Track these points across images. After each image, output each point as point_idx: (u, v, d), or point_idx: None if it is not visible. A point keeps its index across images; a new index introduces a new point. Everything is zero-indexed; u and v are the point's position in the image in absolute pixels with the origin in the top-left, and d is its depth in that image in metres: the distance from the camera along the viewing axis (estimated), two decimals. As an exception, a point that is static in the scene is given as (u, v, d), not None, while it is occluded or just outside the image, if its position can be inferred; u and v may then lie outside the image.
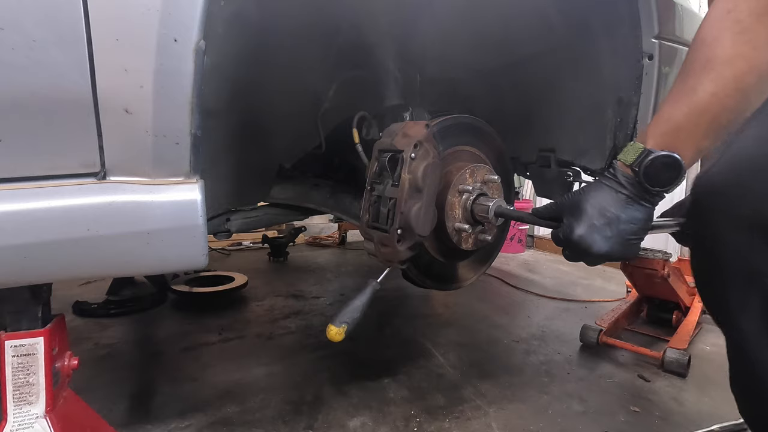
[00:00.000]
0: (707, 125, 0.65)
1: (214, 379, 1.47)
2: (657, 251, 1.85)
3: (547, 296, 2.48)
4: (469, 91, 1.56)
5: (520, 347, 1.77)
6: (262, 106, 1.25)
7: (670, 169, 0.66)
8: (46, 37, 0.59)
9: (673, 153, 0.66)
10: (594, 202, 0.72)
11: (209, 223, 1.15)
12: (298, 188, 1.53)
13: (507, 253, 3.66)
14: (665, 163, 0.66)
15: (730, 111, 0.63)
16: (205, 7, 0.63)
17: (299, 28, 1.14)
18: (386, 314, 2.10)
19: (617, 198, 0.70)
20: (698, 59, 0.65)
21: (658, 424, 1.28)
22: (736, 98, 0.62)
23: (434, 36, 1.28)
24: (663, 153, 0.66)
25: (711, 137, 0.66)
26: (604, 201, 0.71)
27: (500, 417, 1.28)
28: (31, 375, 0.80)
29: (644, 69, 1.07)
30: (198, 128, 0.68)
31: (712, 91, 0.63)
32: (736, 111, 0.64)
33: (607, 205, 0.71)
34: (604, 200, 0.71)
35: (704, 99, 0.63)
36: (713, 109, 0.63)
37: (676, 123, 0.67)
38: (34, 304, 0.82)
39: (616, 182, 0.71)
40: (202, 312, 2.10)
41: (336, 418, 1.26)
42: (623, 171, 0.71)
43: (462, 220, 1.00)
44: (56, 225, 0.64)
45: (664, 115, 0.68)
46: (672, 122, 0.67)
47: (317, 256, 3.42)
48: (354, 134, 1.15)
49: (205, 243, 0.72)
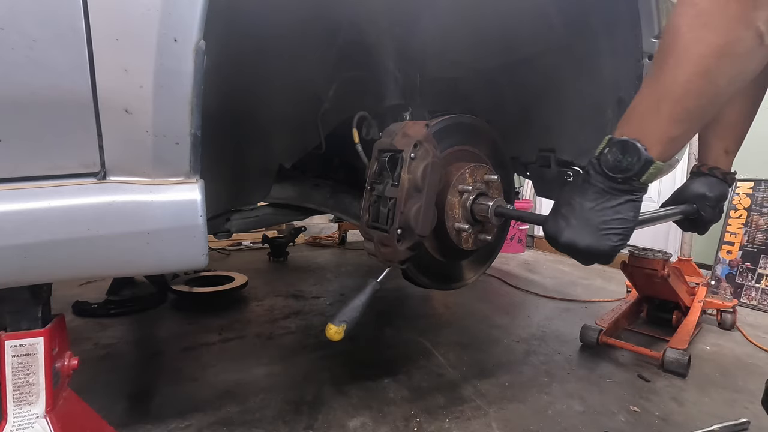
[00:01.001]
0: (671, 111, 0.63)
1: (214, 379, 1.47)
2: (657, 251, 1.85)
3: (547, 296, 2.48)
4: (469, 91, 1.56)
5: (520, 347, 1.77)
6: (262, 106, 1.25)
7: (628, 155, 0.65)
8: (46, 36, 0.59)
9: (630, 139, 0.65)
10: (564, 195, 0.75)
11: (209, 223, 1.15)
12: (298, 188, 1.53)
13: (507, 253, 3.66)
14: (622, 148, 0.66)
15: (696, 96, 0.62)
16: (205, 7, 0.63)
17: (299, 28, 1.14)
18: (386, 314, 2.10)
19: (583, 188, 0.71)
20: (662, 47, 0.64)
21: (658, 424, 1.28)
22: (699, 83, 0.61)
23: (434, 35, 1.28)
24: (620, 139, 0.66)
25: (681, 124, 0.64)
26: (572, 191, 0.73)
27: (500, 417, 1.28)
28: (31, 375, 0.80)
29: (644, 69, 1.07)
30: (198, 128, 0.68)
31: (673, 77, 0.62)
32: (704, 96, 0.62)
33: (573, 194, 0.72)
34: (572, 191, 0.73)
35: (665, 85, 0.63)
36: (675, 95, 0.62)
37: (638, 111, 0.67)
38: (34, 304, 0.81)
39: (585, 174, 0.72)
40: (202, 312, 2.10)
41: (336, 418, 1.26)
42: (593, 163, 0.71)
43: (462, 219, 1.00)
44: (56, 225, 0.64)
45: (631, 105, 0.68)
46: (634, 111, 0.67)
47: (317, 256, 3.42)
48: (354, 134, 1.15)
49: (205, 243, 0.72)
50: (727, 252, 2.61)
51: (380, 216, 0.93)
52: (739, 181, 2.68)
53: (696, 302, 1.94)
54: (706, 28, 0.59)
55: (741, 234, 2.59)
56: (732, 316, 2.04)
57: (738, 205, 2.65)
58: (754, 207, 2.59)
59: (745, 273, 2.51)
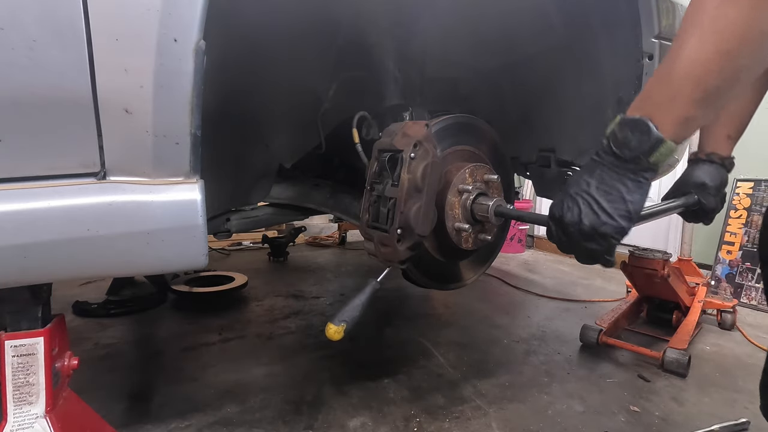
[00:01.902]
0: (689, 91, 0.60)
1: (214, 379, 1.46)
2: (657, 251, 1.85)
3: (547, 296, 2.48)
4: (469, 91, 1.57)
5: (520, 347, 1.77)
6: (262, 106, 1.25)
7: (638, 132, 0.63)
8: (46, 37, 0.59)
9: (642, 117, 0.63)
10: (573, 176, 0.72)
11: (209, 223, 1.15)
12: (298, 188, 1.53)
13: (507, 253, 3.66)
14: (632, 126, 0.63)
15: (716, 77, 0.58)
16: (204, 7, 0.63)
17: (299, 28, 1.14)
18: (386, 314, 2.10)
19: (590, 166, 0.69)
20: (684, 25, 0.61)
21: (658, 424, 1.28)
22: (721, 63, 0.58)
23: (435, 35, 1.28)
24: (631, 117, 0.63)
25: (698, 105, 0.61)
26: (581, 172, 0.70)
27: (500, 417, 1.28)
28: (31, 375, 0.80)
29: (644, 69, 1.07)
30: (198, 128, 0.68)
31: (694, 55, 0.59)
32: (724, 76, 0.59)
33: (582, 174, 0.70)
34: (581, 171, 0.71)
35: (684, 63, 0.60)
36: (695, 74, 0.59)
37: (653, 90, 0.64)
38: (34, 304, 0.81)
39: (595, 154, 0.69)
40: (202, 312, 2.10)
41: (336, 418, 1.26)
42: (602, 143, 0.68)
43: (462, 219, 1.00)
44: (56, 225, 0.64)
45: (646, 85, 0.65)
46: (649, 90, 0.65)
47: (317, 256, 3.42)
48: (354, 134, 1.15)
49: (205, 243, 0.72)
50: (727, 252, 2.61)
51: (380, 216, 0.93)
52: (739, 181, 2.68)
53: (696, 302, 1.93)
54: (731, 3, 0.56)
55: (741, 234, 2.59)
56: (732, 316, 2.04)
57: (738, 205, 2.65)
58: (754, 207, 2.59)
59: (745, 273, 2.51)
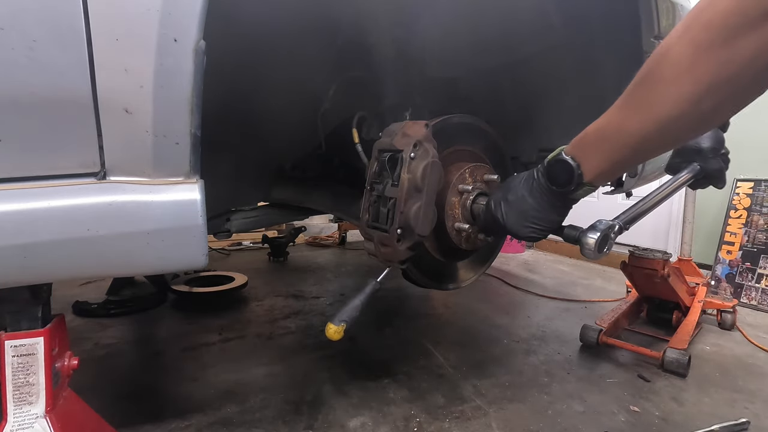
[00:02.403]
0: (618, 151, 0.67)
1: (214, 379, 1.46)
2: (657, 251, 1.85)
3: (547, 296, 2.48)
4: (469, 91, 1.56)
5: (520, 347, 1.77)
6: (262, 106, 1.25)
7: (565, 174, 0.73)
8: (46, 36, 0.59)
9: (573, 160, 0.72)
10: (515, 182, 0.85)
11: (209, 223, 1.15)
12: (298, 188, 1.53)
13: (507, 253, 3.66)
14: (563, 167, 0.74)
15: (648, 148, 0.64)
16: (204, 7, 0.63)
17: (299, 27, 1.14)
18: (386, 314, 2.10)
19: (530, 184, 0.81)
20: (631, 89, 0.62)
21: (658, 424, 1.28)
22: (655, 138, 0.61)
23: (435, 35, 1.28)
24: (564, 158, 0.73)
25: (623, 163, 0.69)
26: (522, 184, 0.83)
27: (500, 417, 1.28)
28: (31, 375, 0.80)
29: (644, 69, 1.07)
30: (198, 128, 0.68)
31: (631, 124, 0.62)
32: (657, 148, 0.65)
33: (523, 187, 0.83)
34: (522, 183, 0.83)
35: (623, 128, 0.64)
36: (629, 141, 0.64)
37: (589, 137, 0.71)
38: (34, 304, 0.81)
39: (535, 170, 0.81)
40: (202, 312, 2.09)
41: (336, 418, 1.26)
42: (543, 166, 0.80)
43: (462, 219, 1.00)
44: (56, 225, 0.64)
45: (590, 126, 0.71)
46: (587, 135, 0.71)
47: (317, 256, 3.42)
48: (354, 134, 1.15)
49: (205, 243, 0.72)
50: (727, 252, 2.61)
51: (380, 216, 0.93)
52: (739, 181, 2.68)
53: (696, 302, 1.93)
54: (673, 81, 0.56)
55: (741, 234, 2.59)
56: (732, 316, 2.04)
57: (738, 205, 2.65)
58: (754, 207, 2.59)
59: (745, 273, 2.51)
